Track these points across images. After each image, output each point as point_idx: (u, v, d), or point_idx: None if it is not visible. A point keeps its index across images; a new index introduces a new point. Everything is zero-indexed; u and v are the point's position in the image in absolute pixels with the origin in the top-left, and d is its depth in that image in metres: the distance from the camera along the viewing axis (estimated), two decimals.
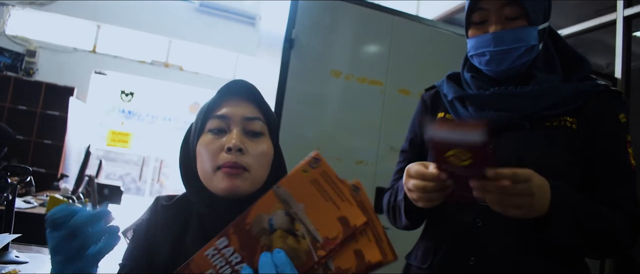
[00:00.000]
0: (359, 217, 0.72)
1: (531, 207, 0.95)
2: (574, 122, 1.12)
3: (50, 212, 0.75)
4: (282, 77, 2.77)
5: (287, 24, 2.81)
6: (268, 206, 0.74)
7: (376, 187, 2.95)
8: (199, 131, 0.97)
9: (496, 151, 0.96)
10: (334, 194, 0.72)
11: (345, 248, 0.73)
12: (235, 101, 0.98)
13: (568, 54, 1.22)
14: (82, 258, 0.74)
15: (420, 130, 1.38)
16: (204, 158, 0.94)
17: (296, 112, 2.81)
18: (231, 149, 0.91)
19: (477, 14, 1.18)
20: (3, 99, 7.05)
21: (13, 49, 7.51)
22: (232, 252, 0.74)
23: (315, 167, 0.73)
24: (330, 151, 2.88)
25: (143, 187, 11.79)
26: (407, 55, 3.11)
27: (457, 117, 1.24)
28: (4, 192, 1.87)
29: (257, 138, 0.96)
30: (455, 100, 1.25)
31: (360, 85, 2.98)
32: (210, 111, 0.97)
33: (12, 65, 7.45)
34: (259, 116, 0.98)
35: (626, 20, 3.31)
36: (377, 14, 3.05)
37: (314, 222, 0.73)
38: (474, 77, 1.24)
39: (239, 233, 0.75)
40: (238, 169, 0.91)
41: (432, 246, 1.24)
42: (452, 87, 1.28)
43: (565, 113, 1.13)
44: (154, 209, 1.01)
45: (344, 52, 2.99)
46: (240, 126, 0.95)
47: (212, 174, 0.92)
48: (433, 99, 1.37)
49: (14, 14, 7.61)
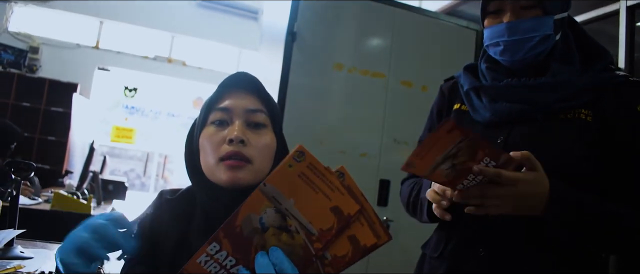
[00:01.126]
0: (352, 205, 0.71)
1: (515, 205, 0.97)
2: (588, 114, 1.10)
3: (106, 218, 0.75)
4: (284, 71, 2.78)
5: (289, 18, 2.80)
6: (256, 205, 0.72)
7: (380, 180, 2.95)
8: (201, 124, 0.98)
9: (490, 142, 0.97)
10: (323, 185, 0.71)
11: (339, 236, 0.73)
12: (238, 93, 0.98)
13: (588, 44, 1.20)
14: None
15: (438, 120, 1.38)
16: (207, 150, 0.94)
17: (299, 106, 2.81)
18: (233, 140, 0.91)
19: (493, 4, 1.18)
20: (6, 96, 7.07)
21: (16, 45, 7.51)
22: (226, 256, 0.72)
23: (300, 160, 0.71)
24: (333, 144, 2.88)
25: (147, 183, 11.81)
26: (410, 48, 3.11)
27: (471, 108, 1.24)
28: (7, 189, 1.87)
29: (259, 130, 0.97)
30: (471, 91, 1.25)
31: (363, 78, 2.97)
32: (212, 104, 0.98)
33: (15, 62, 7.45)
34: (262, 108, 0.98)
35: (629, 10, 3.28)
36: (379, 6, 3.05)
37: (306, 215, 0.71)
38: (489, 68, 1.24)
39: (230, 236, 0.72)
40: (240, 161, 0.91)
41: (444, 236, 1.25)
42: (468, 78, 1.27)
43: (580, 105, 1.11)
44: (158, 203, 1.01)
45: (346, 45, 2.99)
46: (242, 118, 0.96)
47: (214, 166, 0.93)
48: (451, 89, 1.37)
49: (16, 10, 7.61)
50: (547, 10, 1.12)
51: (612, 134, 1.08)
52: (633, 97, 1.10)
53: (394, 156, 2.98)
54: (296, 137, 2.73)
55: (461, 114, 1.28)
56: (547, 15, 1.12)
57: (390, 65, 3.03)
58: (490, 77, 1.22)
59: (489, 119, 1.18)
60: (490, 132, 1.17)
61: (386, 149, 2.98)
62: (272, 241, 0.72)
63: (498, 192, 0.95)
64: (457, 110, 1.30)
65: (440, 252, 1.23)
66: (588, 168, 1.07)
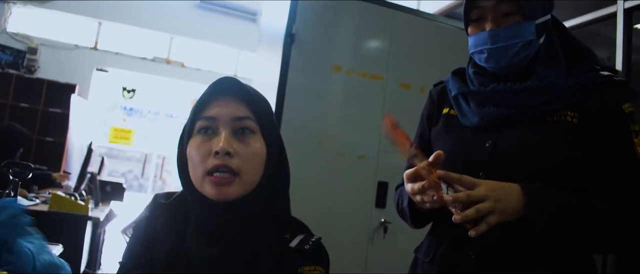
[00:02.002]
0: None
1: (498, 210, 0.99)
2: (574, 116, 1.11)
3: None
4: (283, 73, 2.78)
5: (288, 20, 2.81)
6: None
7: (378, 182, 2.95)
8: (189, 133, 0.96)
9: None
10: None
11: None
12: (224, 100, 0.96)
13: (573, 46, 1.21)
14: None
15: (428, 125, 1.38)
16: (194, 162, 0.93)
17: (298, 108, 2.81)
18: (219, 152, 0.89)
19: (475, 12, 1.19)
20: (5, 97, 7.06)
21: (14, 46, 7.51)
22: None
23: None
24: (332, 146, 2.88)
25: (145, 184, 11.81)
26: (408, 50, 3.11)
27: (460, 112, 1.24)
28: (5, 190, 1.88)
29: (247, 137, 0.94)
30: (459, 96, 1.26)
31: (361, 80, 2.98)
32: (198, 112, 0.96)
33: (13, 62, 7.45)
34: (249, 115, 0.95)
35: (627, 13, 3.29)
36: (377, 8, 3.05)
37: None
38: (476, 73, 1.24)
39: None
40: (227, 176, 0.90)
41: (435, 240, 1.26)
42: (456, 83, 1.28)
43: (565, 108, 1.11)
44: (153, 207, 1.00)
45: (344, 47, 2.99)
46: (229, 127, 0.93)
47: (201, 180, 0.92)
48: (440, 94, 1.37)
49: (15, 11, 7.61)
50: (527, 16, 1.12)
51: (597, 134, 1.09)
52: (618, 97, 1.12)
53: (392, 158, 2.98)
54: (295, 139, 2.74)
55: (450, 118, 1.28)
56: (528, 20, 1.13)
57: (389, 68, 3.03)
58: (477, 82, 1.23)
59: (477, 124, 1.18)
60: (479, 137, 1.18)
61: (384, 151, 2.98)
62: None
63: (480, 207, 0.98)
64: (446, 114, 1.30)
65: (432, 256, 1.24)
66: (575, 170, 1.08)
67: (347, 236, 2.88)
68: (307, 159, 2.82)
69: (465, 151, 1.18)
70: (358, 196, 2.93)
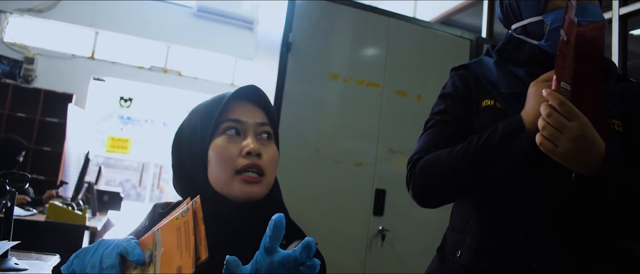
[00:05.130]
0: (189, 267, 0.72)
1: (575, 148, 0.92)
2: (619, 125, 1.09)
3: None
4: (280, 81, 2.78)
5: (284, 28, 2.81)
6: (147, 244, 0.78)
7: (375, 189, 2.95)
8: (211, 134, 0.96)
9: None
10: (184, 244, 0.73)
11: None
12: (247, 106, 0.99)
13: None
14: None
15: (466, 108, 1.24)
16: (220, 161, 0.93)
17: (295, 116, 2.81)
18: (251, 153, 0.92)
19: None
20: (2, 107, 7.06)
21: (11, 56, 7.51)
22: None
23: (184, 215, 0.75)
24: (329, 153, 2.88)
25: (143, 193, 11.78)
26: (405, 57, 3.12)
27: (513, 110, 1.14)
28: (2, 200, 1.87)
29: (267, 142, 0.98)
30: (511, 95, 1.17)
31: (358, 87, 2.98)
32: (223, 114, 0.96)
33: (10, 72, 7.45)
34: (267, 122, 0.99)
35: (622, 19, 3.31)
36: (374, 16, 3.06)
37: (161, 267, 0.75)
38: (528, 74, 1.16)
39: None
40: (257, 176, 0.93)
41: (488, 244, 1.14)
42: (505, 80, 1.19)
43: (613, 116, 1.10)
44: (152, 216, 1.00)
45: (341, 55, 3.00)
46: (253, 131, 0.96)
47: (230, 178, 0.92)
48: (476, 82, 1.25)
49: (12, 21, 7.62)
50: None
51: (636, 140, 1.09)
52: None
53: (389, 165, 2.98)
54: (292, 147, 2.74)
55: (496, 111, 1.18)
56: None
57: (385, 75, 3.04)
58: (528, 82, 1.12)
59: None
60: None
61: (381, 159, 2.98)
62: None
63: (567, 123, 0.90)
64: (491, 107, 1.19)
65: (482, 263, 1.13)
66: None
67: (344, 243, 2.88)
68: (305, 167, 2.82)
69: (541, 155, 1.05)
70: (356, 204, 2.92)
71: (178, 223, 0.75)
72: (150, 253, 0.77)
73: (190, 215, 0.74)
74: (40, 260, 2.08)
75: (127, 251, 0.75)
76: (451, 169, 1.11)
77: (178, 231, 0.74)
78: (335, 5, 2.97)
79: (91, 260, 0.77)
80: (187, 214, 0.74)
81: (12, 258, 1.89)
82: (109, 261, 0.75)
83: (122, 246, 0.76)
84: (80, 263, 0.78)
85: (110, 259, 0.75)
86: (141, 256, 0.75)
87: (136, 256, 0.75)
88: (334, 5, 2.97)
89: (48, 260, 2.07)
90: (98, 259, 0.76)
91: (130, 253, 0.75)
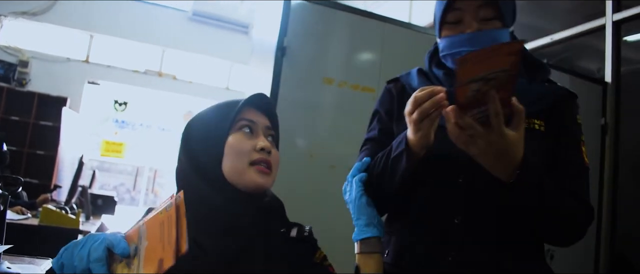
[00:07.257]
0: (170, 260, 0.75)
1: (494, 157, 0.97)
2: (541, 124, 1.14)
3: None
4: (274, 85, 2.78)
5: (279, 32, 2.81)
6: (133, 238, 0.82)
7: None
8: (228, 129, 1.05)
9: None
10: (167, 238, 0.76)
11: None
12: (256, 111, 1.11)
13: (528, 59, 1.22)
14: None
15: (389, 121, 1.36)
16: (237, 153, 1.03)
17: (289, 120, 2.81)
18: (264, 149, 1.04)
19: (452, 14, 1.17)
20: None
21: (5, 59, 7.49)
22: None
23: (168, 210, 0.77)
24: (324, 158, 2.88)
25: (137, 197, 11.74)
26: (399, 62, 3.12)
27: None
28: None
29: (272, 144, 1.11)
30: None
31: (352, 92, 2.98)
32: (238, 113, 1.07)
33: (4, 75, 7.43)
34: (273, 127, 1.14)
35: (615, 25, 3.33)
36: (369, 21, 3.07)
37: (144, 260, 0.78)
38: (447, 75, 1.23)
39: None
40: (268, 169, 1.05)
41: (407, 242, 1.23)
42: (423, 85, 1.22)
43: (532, 115, 1.13)
44: None
45: (336, 60, 3.00)
46: (263, 132, 1.09)
47: (245, 168, 1.02)
48: (401, 92, 1.34)
49: (6, 24, 7.60)
50: (505, 23, 1.14)
51: (557, 142, 1.15)
52: (574, 108, 1.21)
53: None
54: (286, 152, 2.73)
55: None
56: (505, 27, 1.14)
57: (380, 80, 3.04)
58: (447, 84, 1.19)
59: None
60: None
61: None
62: (117, 270, 0.80)
63: (489, 137, 0.94)
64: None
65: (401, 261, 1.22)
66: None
67: (339, 249, 2.87)
68: (299, 172, 2.81)
69: (446, 151, 1.12)
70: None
71: (162, 217, 0.78)
72: (136, 246, 0.80)
73: (173, 209, 0.77)
74: (33, 264, 2.08)
75: (113, 245, 0.80)
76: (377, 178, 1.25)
77: (162, 225, 0.77)
78: (331, 10, 2.97)
79: (79, 253, 0.80)
80: (171, 208, 0.77)
81: (4, 261, 1.89)
82: (96, 254, 0.79)
83: (109, 240, 0.81)
84: (69, 256, 0.82)
85: (98, 253, 0.79)
86: (126, 250, 0.80)
87: (121, 249, 0.80)
88: (329, 10, 2.97)
89: (41, 264, 2.06)
90: (86, 252, 0.80)
91: (116, 246, 0.80)
